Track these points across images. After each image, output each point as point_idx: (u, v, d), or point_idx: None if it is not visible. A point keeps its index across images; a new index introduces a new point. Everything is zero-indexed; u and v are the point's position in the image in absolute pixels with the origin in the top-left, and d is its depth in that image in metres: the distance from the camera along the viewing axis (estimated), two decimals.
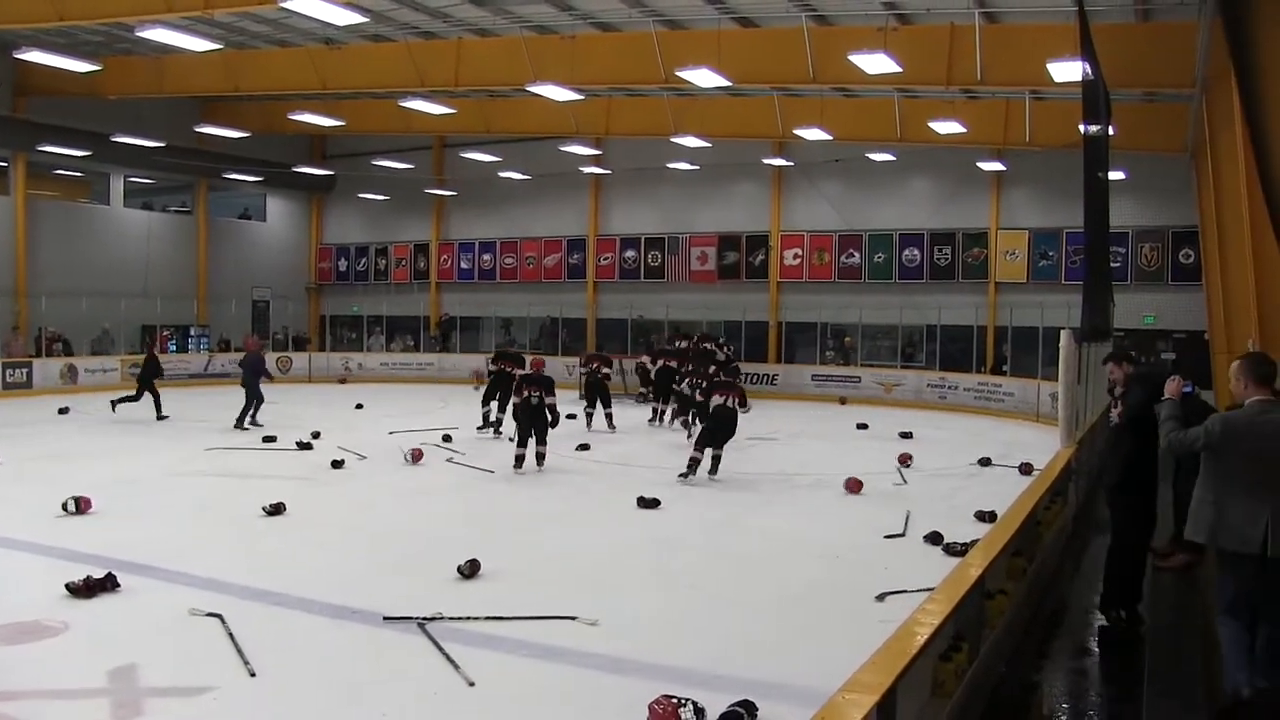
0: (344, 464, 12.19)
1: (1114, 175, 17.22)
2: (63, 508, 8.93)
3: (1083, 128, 12.04)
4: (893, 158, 22.49)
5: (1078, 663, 5.59)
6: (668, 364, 17.68)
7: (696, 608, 6.71)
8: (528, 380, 12.36)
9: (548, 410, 12.04)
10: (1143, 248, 21.14)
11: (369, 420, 17.14)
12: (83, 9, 14.90)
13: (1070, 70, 12.53)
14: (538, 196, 27.17)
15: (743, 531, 9.17)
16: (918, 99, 19.34)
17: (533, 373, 12.66)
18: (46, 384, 20.99)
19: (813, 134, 19.06)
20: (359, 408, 19.23)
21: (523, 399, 12.07)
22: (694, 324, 23.18)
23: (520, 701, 5.04)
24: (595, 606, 6.33)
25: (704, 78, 15.37)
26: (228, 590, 6.69)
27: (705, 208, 25.60)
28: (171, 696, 4.99)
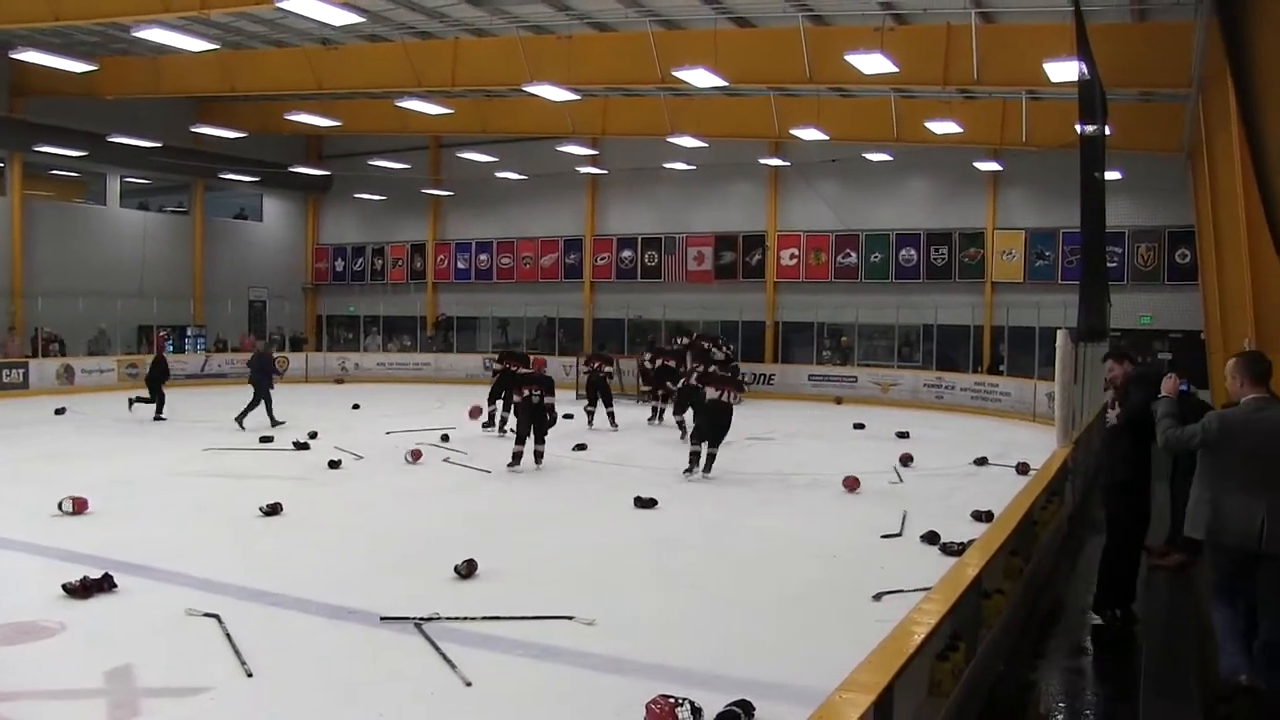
0: (341, 464, 12.20)
1: (1110, 175, 17.24)
2: (58, 508, 8.92)
3: (1079, 128, 12.03)
4: (889, 158, 22.50)
5: (1074, 662, 5.61)
6: (666, 363, 17.74)
7: (694, 607, 6.70)
8: (528, 379, 12.50)
9: (546, 410, 12.11)
10: (1139, 248, 21.15)
11: (366, 420, 17.15)
12: (79, 9, 14.88)
13: (1067, 70, 12.54)
14: (534, 196, 27.16)
15: (740, 531, 9.17)
16: (914, 99, 19.36)
17: (534, 371, 12.71)
18: (43, 384, 20.96)
19: (809, 134, 19.05)
20: (356, 408, 19.24)
21: (524, 397, 12.17)
22: (691, 324, 23.13)
23: (517, 701, 5.04)
24: (593, 606, 6.33)
25: (700, 78, 15.39)
26: (225, 590, 6.68)
27: (702, 208, 25.61)
28: (168, 697, 4.98)
